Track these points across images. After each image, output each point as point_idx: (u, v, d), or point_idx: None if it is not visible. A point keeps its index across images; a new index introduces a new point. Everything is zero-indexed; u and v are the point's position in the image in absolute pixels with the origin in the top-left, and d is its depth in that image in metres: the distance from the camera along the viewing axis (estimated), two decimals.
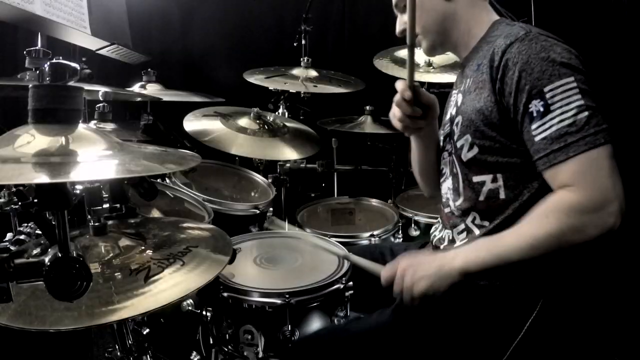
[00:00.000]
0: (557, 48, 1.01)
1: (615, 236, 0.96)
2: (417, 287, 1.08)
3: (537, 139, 1.00)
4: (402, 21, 1.29)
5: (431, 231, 1.37)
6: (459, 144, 1.17)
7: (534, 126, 1.00)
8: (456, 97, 1.24)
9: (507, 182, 1.10)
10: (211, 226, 1.23)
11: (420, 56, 2.33)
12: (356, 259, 1.28)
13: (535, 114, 0.99)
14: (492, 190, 1.12)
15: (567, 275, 1.11)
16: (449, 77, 2.10)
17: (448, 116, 1.28)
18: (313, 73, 2.22)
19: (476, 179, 1.15)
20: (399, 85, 1.20)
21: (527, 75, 1.00)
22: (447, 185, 1.27)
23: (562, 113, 0.97)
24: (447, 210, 1.26)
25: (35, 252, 0.75)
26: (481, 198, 1.14)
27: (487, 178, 1.13)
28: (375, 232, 1.85)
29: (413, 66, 1.18)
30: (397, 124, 1.27)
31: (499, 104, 1.06)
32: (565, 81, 0.98)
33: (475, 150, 1.13)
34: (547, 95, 0.98)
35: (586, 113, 0.96)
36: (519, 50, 1.02)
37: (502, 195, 1.11)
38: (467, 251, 1.09)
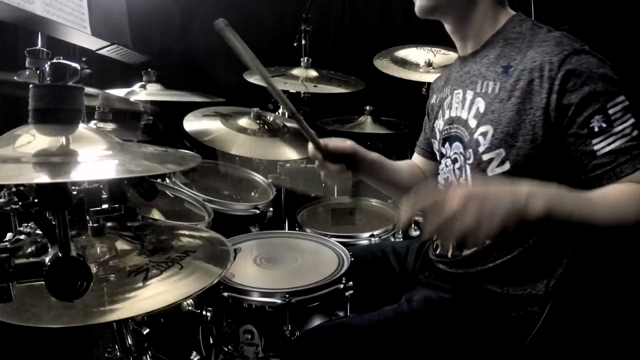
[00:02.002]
0: (607, 64, 1.02)
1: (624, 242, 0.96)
2: (494, 221, 0.84)
3: (600, 153, 0.98)
4: None
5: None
6: (485, 157, 1.09)
7: (595, 140, 0.99)
8: (469, 99, 1.16)
9: None
10: (210, 231, 1.23)
11: (420, 56, 2.34)
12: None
13: (597, 129, 0.98)
14: None
15: (575, 280, 1.10)
16: None
17: (448, 117, 1.23)
18: (313, 73, 2.22)
19: None
20: (309, 151, 1.24)
21: (590, 90, 0.98)
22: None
23: (623, 129, 0.98)
24: None
25: (30, 250, 0.75)
26: None
27: None
28: (375, 232, 1.85)
29: (307, 129, 1.19)
30: (333, 184, 1.29)
31: (547, 118, 1.02)
32: (621, 99, 0.99)
33: (507, 166, 1.06)
34: (610, 112, 0.98)
35: (637, 131, 0.99)
36: (580, 62, 1.00)
37: None
38: (548, 194, 0.92)
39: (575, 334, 1.14)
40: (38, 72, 0.83)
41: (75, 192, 0.90)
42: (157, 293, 0.88)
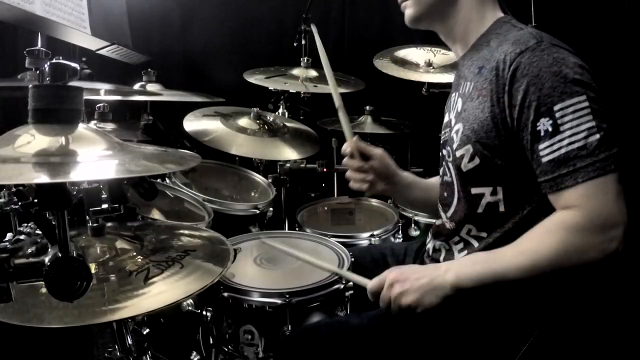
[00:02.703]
0: (569, 62, 0.96)
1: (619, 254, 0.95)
2: (405, 300, 1.04)
3: (544, 160, 0.95)
4: None
5: (426, 242, 1.34)
6: (458, 154, 1.11)
7: (541, 146, 0.95)
8: (454, 100, 1.19)
9: (508, 196, 1.06)
10: (210, 231, 1.24)
11: (420, 56, 2.34)
12: (346, 274, 1.25)
13: (543, 133, 0.94)
14: (491, 203, 1.08)
15: (570, 289, 1.09)
16: (449, 77, 2.10)
17: (446, 120, 1.24)
18: (313, 73, 2.22)
19: (475, 190, 1.10)
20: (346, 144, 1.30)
21: (536, 91, 0.94)
22: (440, 193, 1.24)
23: (572, 135, 0.92)
24: (438, 222, 1.25)
25: (30, 250, 0.75)
26: (479, 210, 1.10)
27: (486, 190, 1.08)
28: (375, 232, 1.85)
29: (348, 123, 1.32)
30: (352, 184, 1.34)
31: (503, 117, 1.01)
32: (577, 100, 0.93)
33: (477, 161, 1.07)
34: (557, 115, 0.93)
35: (597, 136, 0.92)
36: (530, 61, 0.96)
37: (501, 209, 1.07)
38: (461, 265, 1.06)
39: (574, 337, 1.13)
40: (38, 72, 0.83)
41: (75, 192, 0.90)
42: (157, 293, 0.88)
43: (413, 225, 2.01)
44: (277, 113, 2.26)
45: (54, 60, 0.80)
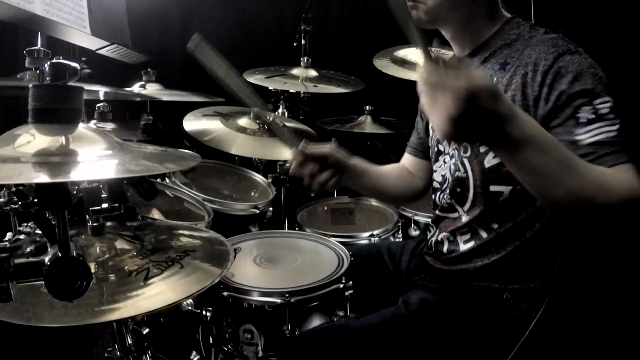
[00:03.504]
0: (598, 68, 1.04)
1: (619, 240, 0.95)
2: (471, 84, 0.76)
3: (586, 142, 0.99)
4: None
5: (429, 237, 1.35)
6: (483, 149, 1.13)
7: (581, 130, 0.99)
8: None
9: (525, 191, 1.03)
10: (210, 231, 1.24)
11: (420, 56, 2.34)
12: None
13: (584, 120, 1.00)
14: (508, 199, 1.11)
15: (571, 279, 1.10)
16: None
17: None
18: (313, 73, 2.22)
19: (494, 188, 1.12)
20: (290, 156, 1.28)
21: (580, 86, 1.01)
22: (447, 191, 1.24)
23: (609, 125, 0.99)
24: (442, 213, 1.25)
25: (30, 250, 0.75)
26: (496, 207, 1.12)
27: (506, 190, 1.11)
28: (375, 232, 1.85)
29: (290, 133, 1.29)
30: (314, 189, 1.30)
31: (537, 110, 1.04)
32: (609, 99, 1.01)
33: None
34: (599, 107, 1.00)
35: (621, 137, 0.99)
36: (573, 61, 1.03)
37: (517, 201, 1.10)
38: (524, 115, 0.89)
39: (571, 332, 1.14)
40: (38, 72, 0.83)
41: (75, 192, 0.90)
42: (157, 293, 0.88)
43: (413, 225, 2.01)
44: (276, 113, 2.26)
45: (54, 60, 0.80)
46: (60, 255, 0.71)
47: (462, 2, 1.14)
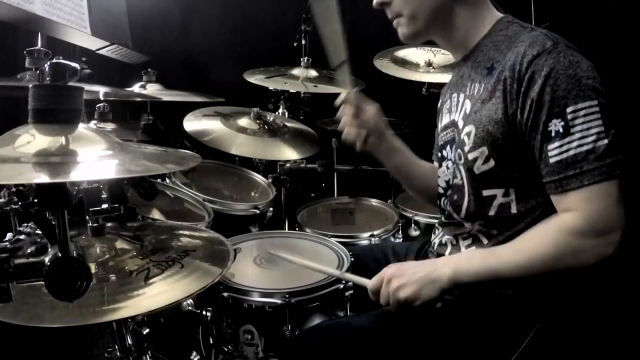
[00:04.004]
0: (584, 65, 0.96)
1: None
2: (403, 294, 1.04)
3: (551, 160, 0.96)
4: None
5: (432, 239, 1.34)
6: (471, 156, 1.10)
7: (550, 146, 0.96)
8: (461, 102, 1.17)
9: (520, 197, 1.06)
10: (210, 231, 1.23)
11: (420, 56, 2.34)
12: (348, 277, 1.25)
13: (553, 134, 0.95)
14: (503, 204, 1.09)
15: (571, 285, 1.10)
16: (449, 77, 2.09)
17: (447, 121, 1.24)
18: (313, 73, 2.22)
19: (486, 192, 1.10)
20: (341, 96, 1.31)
21: (551, 91, 0.95)
22: (447, 196, 1.24)
23: (581, 137, 0.93)
24: (447, 220, 1.24)
25: (30, 250, 0.75)
26: (491, 212, 1.11)
27: (498, 192, 1.09)
28: (375, 232, 1.85)
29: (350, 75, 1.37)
30: (345, 136, 1.34)
31: (517, 118, 1.01)
32: (589, 104, 0.94)
33: (492, 163, 1.06)
34: (569, 117, 0.94)
35: (605, 141, 0.93)
36: (546, 62, 0.96)
37: (513, 210, 1.08)
38: (459, 259, 1.08)
39: (572, 335, 1.14)
40: (38, 72, 0.83)
41: (75, 192, 0.90)
42: (158, 292, 0.88)
43: (413, 225, 2.01)
44: (277, 113, 2.26)
45: (54, 60, 0.80)
46: (60, 255, 0.71)
47: (439, 9, 1.13)
